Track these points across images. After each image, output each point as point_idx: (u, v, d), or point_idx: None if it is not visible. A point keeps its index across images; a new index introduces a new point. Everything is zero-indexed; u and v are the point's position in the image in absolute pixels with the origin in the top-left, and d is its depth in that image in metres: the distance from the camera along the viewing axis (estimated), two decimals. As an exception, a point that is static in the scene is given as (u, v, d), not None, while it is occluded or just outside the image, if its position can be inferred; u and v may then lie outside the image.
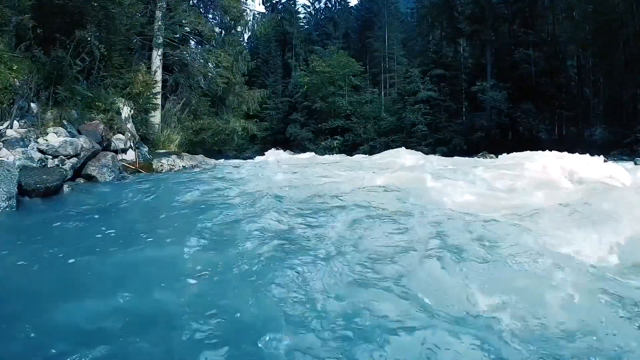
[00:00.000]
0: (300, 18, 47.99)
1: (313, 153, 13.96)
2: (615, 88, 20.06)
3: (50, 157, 4.96)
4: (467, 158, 10.85)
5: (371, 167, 6.47)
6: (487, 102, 23.56)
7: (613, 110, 20.10)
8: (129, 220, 3.17)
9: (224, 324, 1.58)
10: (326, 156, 12.71)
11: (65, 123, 5.60)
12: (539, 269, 1.91)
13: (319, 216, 3.07)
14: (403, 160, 7.39)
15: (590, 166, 4.51)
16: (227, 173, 6.19)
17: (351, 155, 15.08)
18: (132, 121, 7.85)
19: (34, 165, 4.66)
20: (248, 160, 10.12)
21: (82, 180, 5.20)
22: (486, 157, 12.19)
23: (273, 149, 14.38)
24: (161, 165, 7.06)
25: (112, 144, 6.49)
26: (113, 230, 2.87)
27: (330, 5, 49.67)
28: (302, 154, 13.95)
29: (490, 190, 3.88)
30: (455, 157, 10.24)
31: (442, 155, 13.18)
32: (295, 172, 5.84)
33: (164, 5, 12.22)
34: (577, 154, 5.32)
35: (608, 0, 19.61)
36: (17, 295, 1.88)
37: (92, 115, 6.48)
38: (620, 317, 1.58)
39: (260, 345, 1.43)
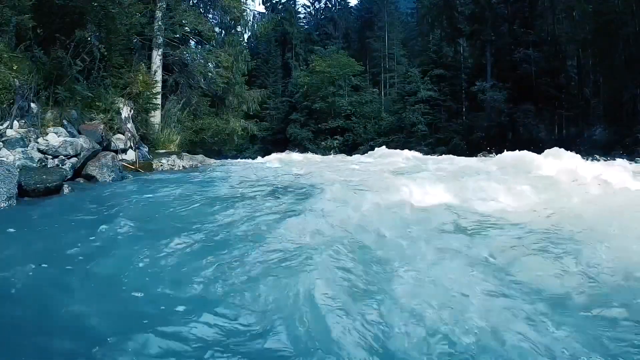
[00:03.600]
0: (300, 18, 48.20)
1: (320, 155, 14.00)
2: (615, 88, 20.00)
3: (50, 157, 4.96)
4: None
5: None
6: (487, 102, 23.56)
7: (613, 110, 20.03)
8: (128, 220, 3.16)
9: (223, 320, 1.58)
10: (330, 156, 12.75)
11: (65, 123, 5.61)
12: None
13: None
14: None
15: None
16: (226, 173, 6.19)
17: (351, 155, 15.09)
18: (132, 121, 7.86)
19: (34, 165, 4.66)
20: (247, 160, 10.12)
21: (82, 180, 5.20)
22: (486, 157, 12.22)
23: (289, 151, 14.37)
24: (161, 165, 7.07)
25: (112, 144, 6.51)
26: (113, 230, 2.86)
27: (330, 5, 49.83)
28: (302, 154, 13.96)
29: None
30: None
31: (440, 155, 13.20)
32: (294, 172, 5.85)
33: (164, 5, 12.21)
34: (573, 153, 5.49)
35: (608, 0, 19.57)
36: (16, 295, 1.89)
37: (92, 115, 6.50)
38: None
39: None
